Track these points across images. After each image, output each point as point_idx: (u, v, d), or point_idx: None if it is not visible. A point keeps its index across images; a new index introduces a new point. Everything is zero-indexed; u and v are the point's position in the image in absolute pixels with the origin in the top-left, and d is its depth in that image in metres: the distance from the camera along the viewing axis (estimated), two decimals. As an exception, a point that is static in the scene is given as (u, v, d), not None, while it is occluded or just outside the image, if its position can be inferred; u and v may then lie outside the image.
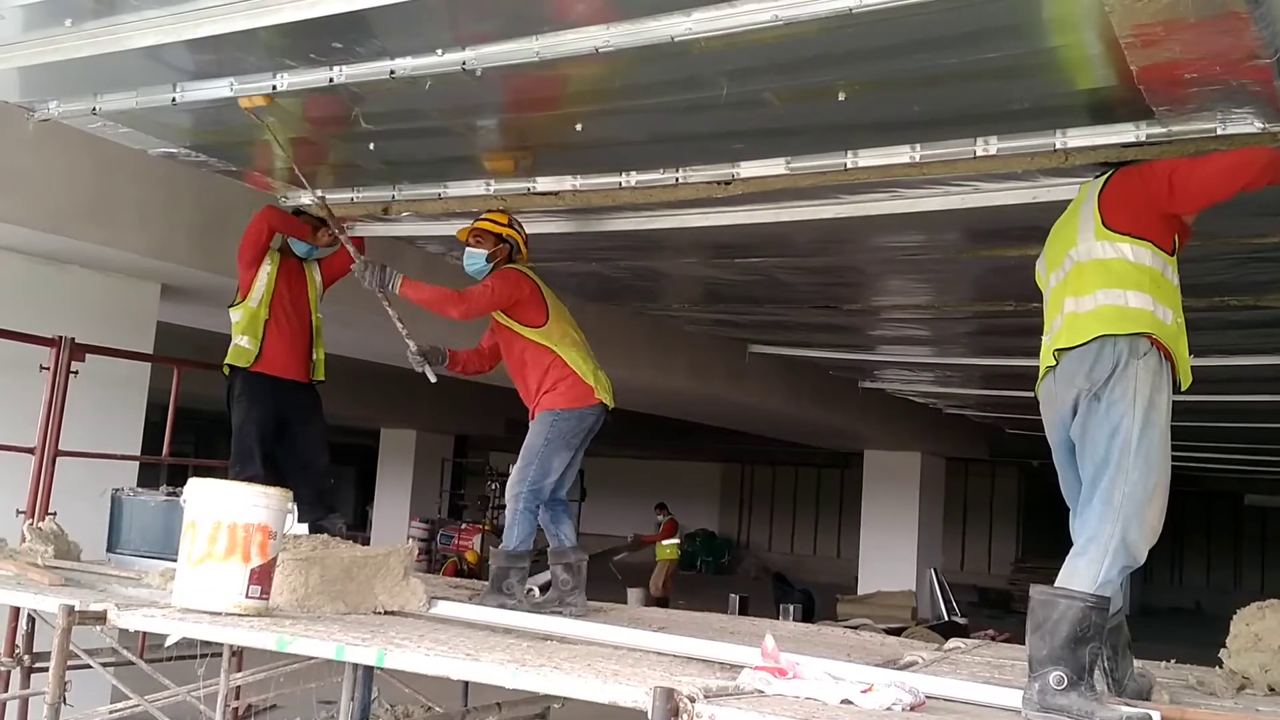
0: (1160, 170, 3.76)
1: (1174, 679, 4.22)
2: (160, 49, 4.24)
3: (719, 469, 33.87)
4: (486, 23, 3.82)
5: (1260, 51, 3.29)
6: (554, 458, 5.22)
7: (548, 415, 5.24)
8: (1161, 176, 3.72)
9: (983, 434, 19.51)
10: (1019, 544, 29.56)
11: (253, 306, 5.90)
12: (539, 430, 5.24)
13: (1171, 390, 3.53)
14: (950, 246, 6.41)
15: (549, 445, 5.21)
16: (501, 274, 5.31)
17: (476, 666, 3.50)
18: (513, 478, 5.27)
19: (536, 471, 5.20)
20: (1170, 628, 17.45)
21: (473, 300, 5.21)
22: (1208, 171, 3.72)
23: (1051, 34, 3.49)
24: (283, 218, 6.01)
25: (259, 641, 3.87)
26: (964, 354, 10.94)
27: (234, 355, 5.88)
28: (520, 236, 5.43)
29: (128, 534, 5.64)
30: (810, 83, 4.07)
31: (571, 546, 5.36)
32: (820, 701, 3.15)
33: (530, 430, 5.28)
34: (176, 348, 7.86)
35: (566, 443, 5.24)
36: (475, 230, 5.38)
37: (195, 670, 4.81)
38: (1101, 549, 3.36)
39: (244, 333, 5.86)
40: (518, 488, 5.21)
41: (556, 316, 5.36)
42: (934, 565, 18.35)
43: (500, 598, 5.09)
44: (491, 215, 5.43)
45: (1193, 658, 4.68)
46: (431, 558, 19.50)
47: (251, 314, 5.88)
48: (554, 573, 5.32)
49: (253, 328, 5.86)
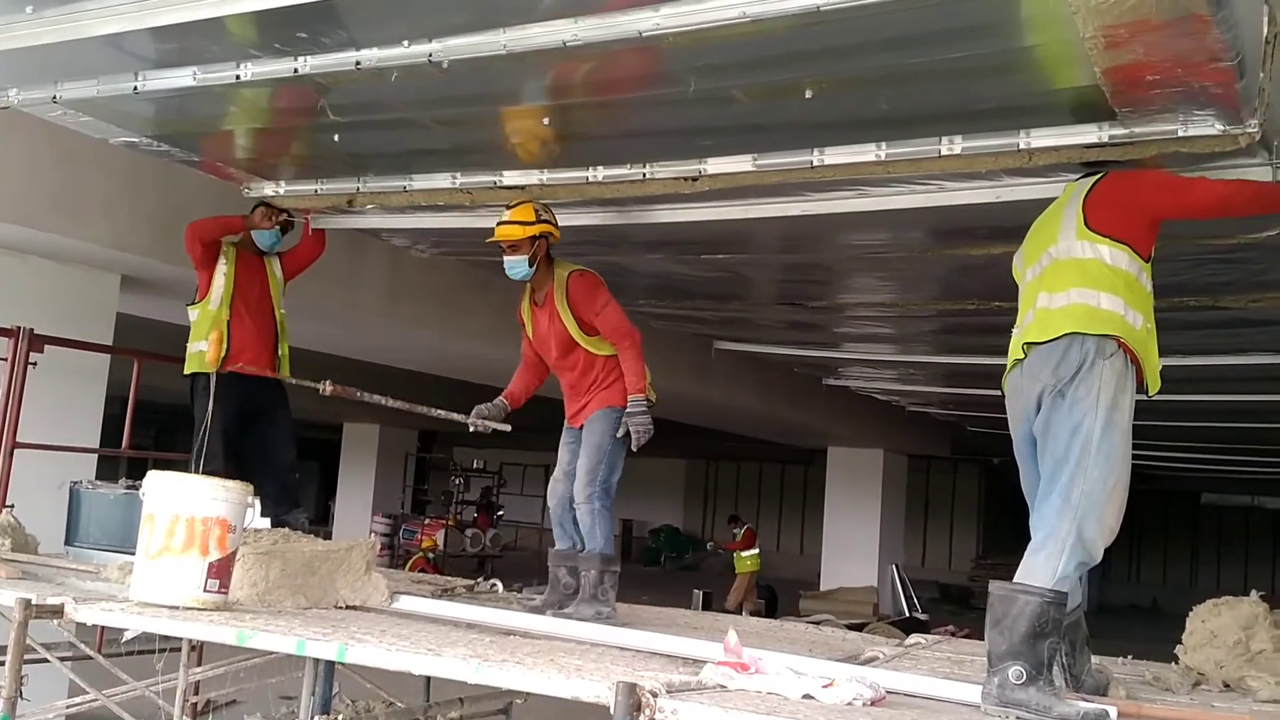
0: (1152, 181, 3.84)
1: (1131, 675, 4.27)
2: (122, 37, 4.18)
3: (684, 465, 33.97)
4: (454, 15, 3.80)
5: (1222, 54, 3.32)
6: (620, 454, 5.10)
7: (610, 411, 5.09)
8: (1152, 187, 3.80)
9: (945, 432, 19.66)
10: (979, 541, 29.81)
11: (213, 309, 5.85)
12: (602, 428, 5.07)
13: (1135, 393, 3.58)
14: (915, 245, 6.43)
15: (616, 442, 5.07)
16: (586, 285, 5.15)
17: (438, 662, 3.49)
18: (580, 480, 5.05)
19: (606, 469, 5.05)
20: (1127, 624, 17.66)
21: (627, 323, 5.13)
22: (1199, 195, 3.85)
23: (1017, 35, 3.51)
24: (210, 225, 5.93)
25: (218, 636, 3.85)
26: (927, 352, 11.01)
27: (195, 362, 5.82)
28: (550, 225, 5.13)
29: (86, 527, 5.58)
30: (778, 80, 4.07)
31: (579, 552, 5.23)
32: (782, 696, 3.17)
33: (591, 429, 5.10)
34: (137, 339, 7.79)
35: (626, 439, 5.09)
36: (507, 242, 5.09)
37: (154, 665, 4.77)
38: (1059, 545, 3.39)
39: (204, 337, 5.81)
40: (589, 489, 5.01)
41: None
42: (896, 562, 18.49)
43: (597, 605, 4.87)
44: (516, 214, 5.10)
45: (1149, 654, 4.75)
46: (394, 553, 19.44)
47: (213, 316, 5.83)
48: (556, 574, 5.20)
49: (216, 330, 5.81)
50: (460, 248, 7.87)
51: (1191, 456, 17.52)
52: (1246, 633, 4.06)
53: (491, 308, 9.15)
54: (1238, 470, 19.69)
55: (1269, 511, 28.02)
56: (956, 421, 17.71)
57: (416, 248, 7.89)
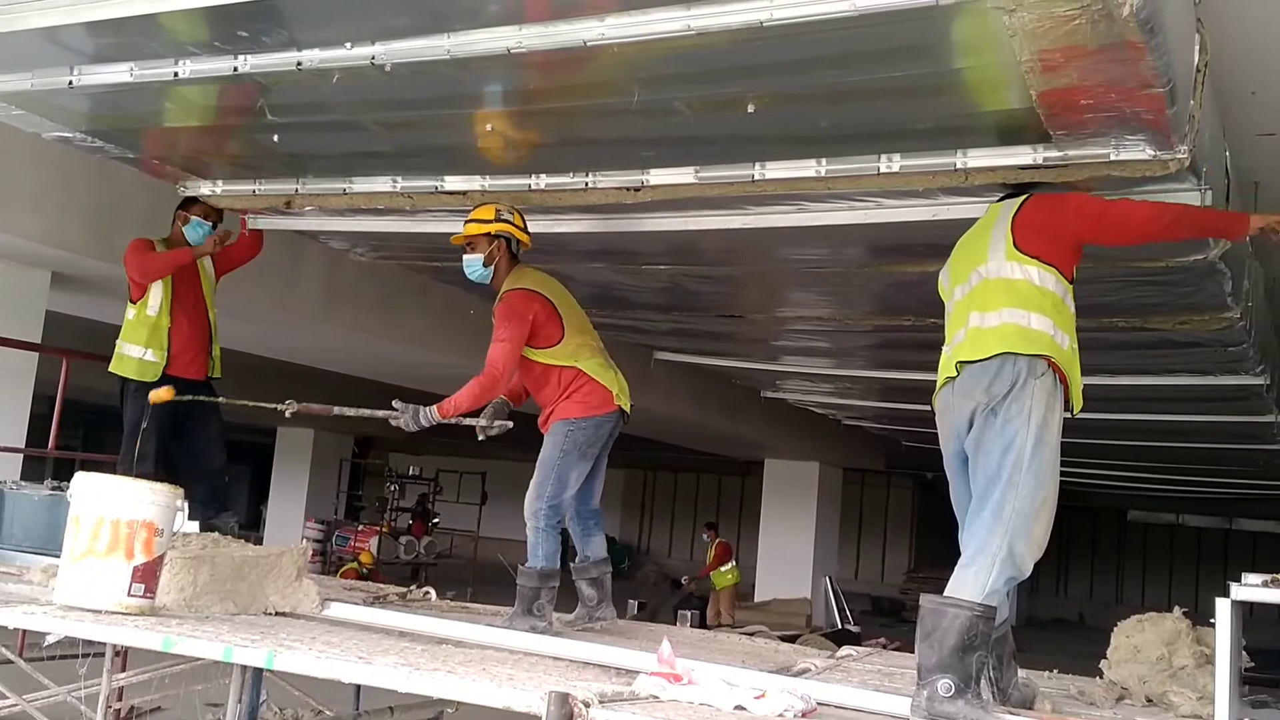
0: (1074, 204, 3.89)
1: (1056, 689, 4.33)
2: (58, 30, 4.11)
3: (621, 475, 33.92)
4: (398, 18, 3.78)
5: (1154, 81, 3.40)
6: (571, 470, 4.93)
7: (562, 425, 4.95)
8: (1075, 210, 3.85)
9: (880, 446, 19.83)
10: (912, 554, 30.09)
11: (152, 315, 5.74)
12: (553, 442, 4.94)
13: (1063, 412, 3.65)
14: (853, 260, 6.50)
15: (565, 457, 4.91)
16: (509, 307, 4.91)
17: (369, 670, 3.45)
18: (530, 494, 4.91)
19: (554, 486, 4.90)
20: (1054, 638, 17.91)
21: (499, 363, 4.80)
22: (1117, 215, 3.87)
23: (956, 56, 3.57)
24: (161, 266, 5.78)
25: (143, 641, 3.77)
26: (863, 366, 11.11)
27: (138, 369, 5.70)
28: (513, 226, 5.01)
29: (10, 528, 5.45)
30: (720, 93, 4.10)
31: (595, 561, 5.20)
32: (714, 707, 3.18)
33: (545, 442, 4.98)
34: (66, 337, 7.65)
35: (583, 453, 4.95)
36: (466, 237, 5.02)
37: (77, 670, 4.67)
38: (989, 560, 3.44)
39: (146, 345, 5.71)
40: (536, 504, 4.88)
41: (572, 328, 5.04)
42: (829, 574, 18.61)
43: (531, 619, 4.76)
44: (477, 214, 5.02)
45: (1075, 668, 4.82)
46: (327, 559, 19.21)
47: (153, 324, 5.72)
48: (579, 589, 5.17)
49: (156, 338, 5.72)
50: (400, 252, 7.81)
51: (1119, 475, 17.83)
52: (1169, 648, 4.13)
53: (430, 313, 9.11)
54: (1163, 489, 20.07)
55: (1192, 529, 28.59)
56: (891, 436, 17.88)
57: (355, 251, 7.81)
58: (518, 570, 4.96)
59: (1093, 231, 3.87)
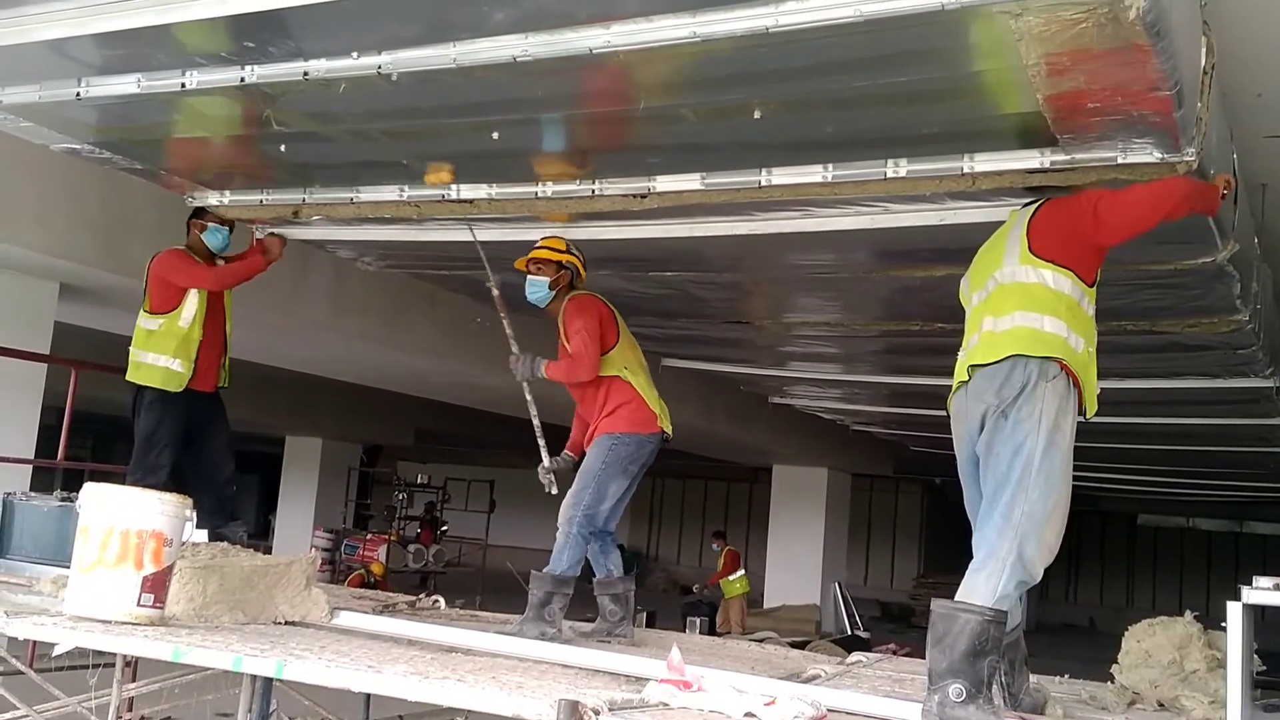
0: (1086, 201, 3.84)
1: (1068, 694, 4.31)
2: (66, 42, 4.12)
3: (629, 482, 33.89)
4: (404, 27, 3.79)
5: (1161, 84, 3.39)
6: (611, 483, 5.07)
7: (607, 439, 5.10)
8: (1087, 208, 3.81)
9: (888, 451, 19.80)
10: (921, 559, 30.01)
11: (183, 326, 5.73)
12: (597, 453, 5.09)
13: (1076, 415, 3.63)
14: (860, 266, 6.49)
15: (607, 469, 5.06)
16: (579, 306, 5.20)
17: (378, 679, 3.45)
18: (567, 500, 5.06)
19: (592, 496, 5.03)
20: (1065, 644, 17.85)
21: (584, 353, 5.09)
22: (1130, 202, 3.81)
23: (962, 61, 3.56)
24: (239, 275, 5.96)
25: (153, 651, 3.78)
26: (871, 372, 11.09)
27: (164, 379, 5.69)
28: (579, 261, 5.33)
29: (19, 539, 5.47)
30: (727, 100, 4.10)
31: (620, 577, 5.26)
32: (724, 714, 3.17)
33: (588, 454, 5.14)
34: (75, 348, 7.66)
35: (624, 468, 5.10)
36: (534, 259, 5.27)
37: (87, 680, 4.68)
38: (1000, 564, 3.43)
39: (175, 355, 5.70)
40: (571, 511, 5.02)
41: (625, 341, 5.31)
42: (838, 580, 18.58)
43: (542, 625, 4.83)
44: (549, 242, 5.32)
45: (1086, 673, 4.80)
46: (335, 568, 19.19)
47: (183, 335, 5.72)
48: (601, 603, 5.23)
49: (185, 349, 5.73)
50: (407, 261, 7.82)
51: (1129, 478, 17.76)
52: (1180, 653, 4.12)
53: (437, 322, 9.11)
54: (1173, 492, 20.00)
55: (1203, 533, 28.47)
56: (899, 441, 17.85)
57: (362, 260, 7.82)
58: (533, 574, 5.02)
59: (1109, 216, 3.79)
